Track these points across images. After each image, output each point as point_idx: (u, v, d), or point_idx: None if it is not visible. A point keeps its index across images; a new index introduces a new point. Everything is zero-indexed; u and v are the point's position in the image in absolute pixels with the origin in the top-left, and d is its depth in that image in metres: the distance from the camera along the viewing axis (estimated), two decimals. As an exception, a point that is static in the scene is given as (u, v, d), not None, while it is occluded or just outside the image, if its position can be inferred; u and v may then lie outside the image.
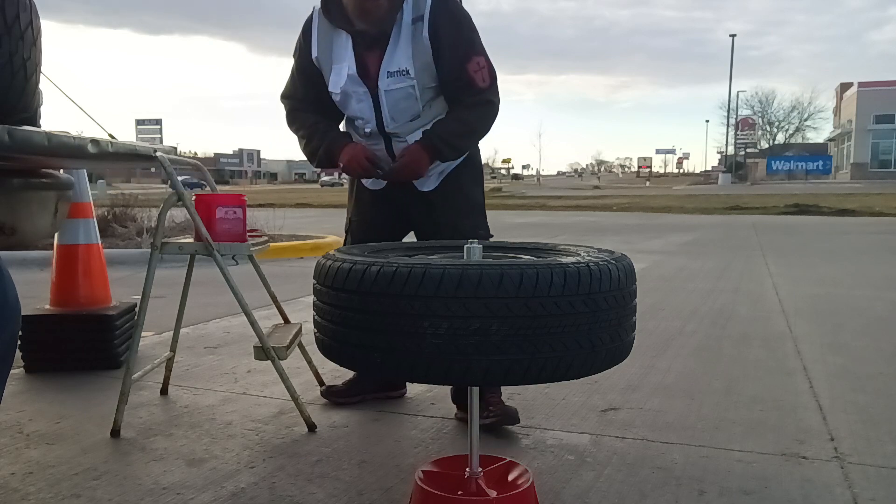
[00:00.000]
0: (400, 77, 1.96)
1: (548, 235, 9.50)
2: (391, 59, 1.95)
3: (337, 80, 2.01)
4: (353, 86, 2.00)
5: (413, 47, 1.94)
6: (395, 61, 1.95)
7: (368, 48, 1.98)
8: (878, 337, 3.29)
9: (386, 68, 1.96)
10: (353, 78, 1.99)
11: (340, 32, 2.00)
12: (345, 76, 1.99)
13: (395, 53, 1.95)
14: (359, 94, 2.00)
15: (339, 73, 2.01)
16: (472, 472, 1.45)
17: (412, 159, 1.97)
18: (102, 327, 2.76)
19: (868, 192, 22.40)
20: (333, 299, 1.28)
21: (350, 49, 1.99)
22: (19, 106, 1.56)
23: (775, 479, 1.72)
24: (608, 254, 1.36)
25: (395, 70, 1.96)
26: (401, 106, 2.00)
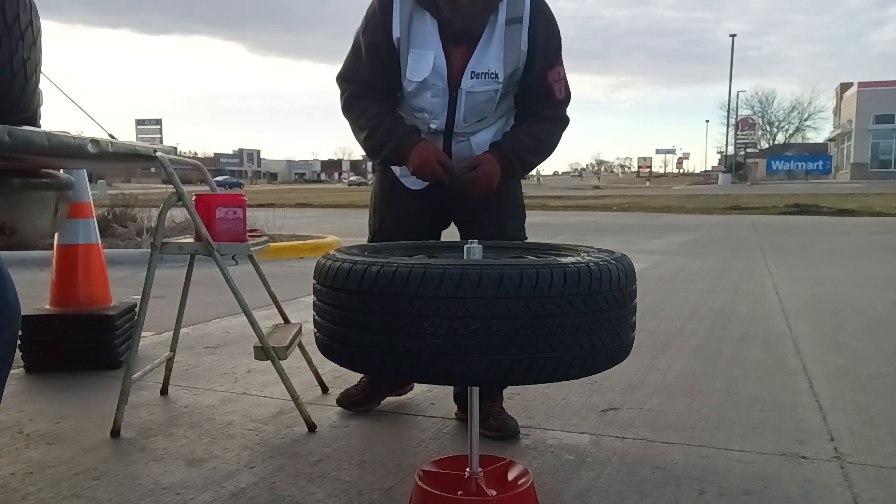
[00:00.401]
0: (487, 79, 1.83)
1: (548, 235, 9.49)
2: (480, 60, 1.82)
3: (418, 68, 1.83)
4: (435, 78, 1.83)
5: (506, 50, 1.81)
6: (484, 62, 1.82)
7: (455, 41, 1.82)
8: (878, 337, 3.29)
9: (472, 68, 1.82)
10: (438, 70, 1.82)
11: (425, 14, 1.81)
12: (429, 66, 1.82)
13: (485, 54, 1.82)
14: (437, 88, 1.85)
15: (422, 59, 1.82)
16: (472, 472, 1.45)
17: (487, 171, 1.83)
18: (102, 327, 2.76)
19: (868, 192, 22.41)
20: (333, 299, 1.28)
21: (437, 36, 1.81)
22: (19, 106, 1.56)
23: (775, 479, 1.72)
24: (608, 254, 1.36)
25: (482, 72, 1.82)
26: (478, 108, 1.89)
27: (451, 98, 1.85)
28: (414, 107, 1.91)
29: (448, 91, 1.84)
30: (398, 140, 1.84)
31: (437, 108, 1.88)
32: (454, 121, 1.88)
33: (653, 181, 63.93)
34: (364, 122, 1.87)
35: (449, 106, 1.87)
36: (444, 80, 1.83)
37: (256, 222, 6.81)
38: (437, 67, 1.82)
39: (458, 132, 1.91)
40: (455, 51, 1.82)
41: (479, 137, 1.93)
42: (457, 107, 1.86)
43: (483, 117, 1.91)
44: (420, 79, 1.83)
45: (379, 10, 1.84)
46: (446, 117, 1.88)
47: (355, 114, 1.90)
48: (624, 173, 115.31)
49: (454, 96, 1.85)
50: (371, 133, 1.87)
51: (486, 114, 1.91)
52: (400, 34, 1.81)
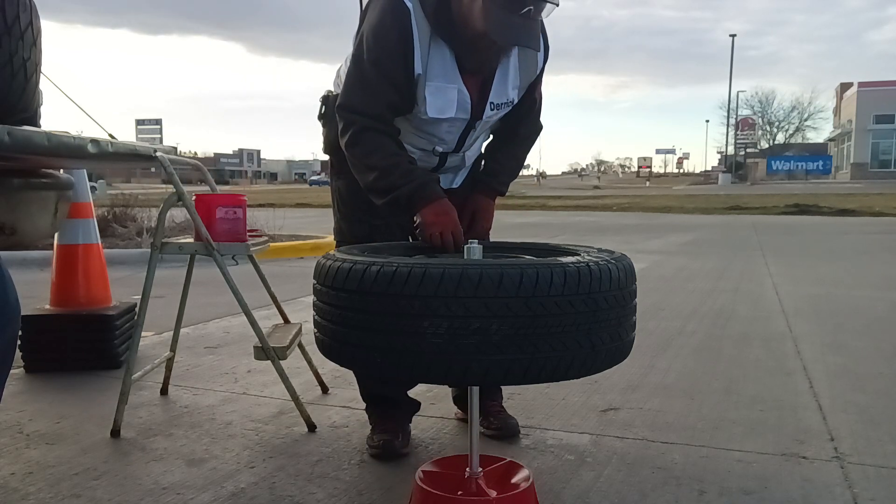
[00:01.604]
0: (504, 108, 1.78)
1: (548, 235, 9.49)
2: (500, 90, 1.74)
3: (441, 106, 1.69)
4: (460, 113, 1.72)
5: (522, 76, 1.76)
6: (503, 92, 1.75)
7: (471, 71, 1.71)
8: (878, 337, 3.29)
9: (492, 99, 1.74)
10: (462, 105, 1.71)
11: (443, 46, 1.66)
12: (453, 101, 1.69)
13: (504, 83, 1.74)
14: (456, 121, 1.74)
15: (444, 95, 1.68)
16: (472, 472, 1.45)
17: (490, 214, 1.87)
18: (102, 327, 2.76)
19: (868, 192, 22.41)
20: (333, 299, 1.28)
21: (457, 69, 1.68)
22: (19, 106, 1.56)
23: (775, 479, 1.72)
24: (608, 253, 1.36)
25: (501, 102, 1.76)
26: (486, 130, 1.87)
27: (467, 127, 1.79)
28: (424, 131, 1.78)
29: (467, 123, 1.77)
30: (417, 188, 1.67)
31: (451, 138, 1.80)
32: (462, 145, 1.84)
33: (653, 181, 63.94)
34: (377, 160, 1.69)
35: (462, 134, 1.80)
36: (468, 114, 1.74)
37: (256, 222, 6.81)
38: (462, 103, 1.71)
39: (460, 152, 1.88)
40: (472, 81, 1.72)
41: (472, 150, 1.92)
42: (470, 134, 1.81)
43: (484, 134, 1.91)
44: (444, 116, 1.71)
45: (397, 40, 1.63)
46: (456, 144, 1.82)
47: (366, 150, 1.70)
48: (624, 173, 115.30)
49: (470, 126, 1.78)
50: (384, 174, 1.68)
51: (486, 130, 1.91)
52: (422, 70, 1.65)
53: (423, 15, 1.62)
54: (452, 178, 1.96)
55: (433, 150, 1.82)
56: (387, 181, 1.68)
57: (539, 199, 20.96)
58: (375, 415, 1.97)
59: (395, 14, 1.62)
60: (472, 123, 1.77)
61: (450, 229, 1.68)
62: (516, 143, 1.91)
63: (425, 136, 1.79)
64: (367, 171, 1.71)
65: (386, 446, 1.86)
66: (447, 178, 1.93)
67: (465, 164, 1.94)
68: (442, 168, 1.89)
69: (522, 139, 1.91)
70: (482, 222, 1.86)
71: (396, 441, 1.87)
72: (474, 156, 1.96)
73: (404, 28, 1.61)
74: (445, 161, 1.87)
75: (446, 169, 1.91)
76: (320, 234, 8.51)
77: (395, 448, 1.86)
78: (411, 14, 1.61)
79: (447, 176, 1.94)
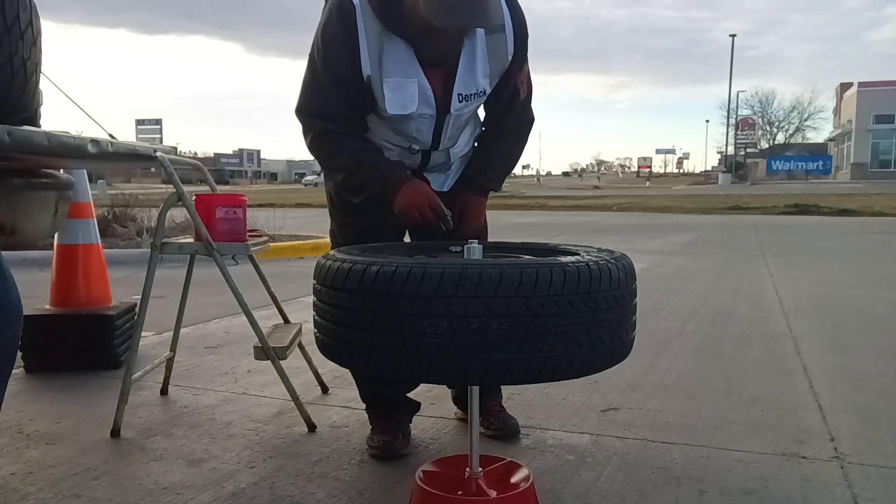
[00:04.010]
0: (474, 99, 1.70)
1: (548, 235, 9.50)
2: (467, 80, 1.66)
3: (402, 101, 1.63)
4: (423, 108, 1.66)
5: (491, 63, 1.67)
6: (471, 82, 1.66)
7: (433, 63, 1.64)
8: (878, 337, 3.29)
9: (459, 90, 1.66)
10: (425, 99, 1.65)
11: (397, 40, 1.60)
12: (414, 96, 1.64)
13: (472, 72, 1.65)
14: (423, 117, 1.69)
15: (404, 91, 1.63)
16: (472, 472, 1.45)
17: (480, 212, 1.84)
18: (102, 327, 2.76)
19: (868, 192, 22.40)
20: (333, 299, 1.28)
21: (416, 63, 1.62)
22: (19, 106, 1.56)
23: (775, 479, 1.72)
24: (608, 253, 1.36)
25: (470, 93, 1.67)
26: (461, 124, 1.79)
27: (438, 122, 1.72)
28: (393, 129, 1.75)
29: (435, 117, 1.70)
30: (384, 179, 1.67)
31: (423, 135, 1.74)
32: (439, 142, 1.77)
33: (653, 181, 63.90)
34: (343, 160, 1.68)
35: (435, 131, 1.74)
36: (433, 108, 1.67)
37: (256, 222, 6.81)
38: (424, 97, 1.65)
39: (440, 149, 1.81)
40: (435, 74, 1.65)
41: (457, 147, 1.86)
42: (443, 130, 1.73)
43: (464, 128, 1.85)
44: (406, 112, 1.65)
45: (341, 36, 1.59)
46: (431, 141, 1.76)
47: (330, 152, 1.69)
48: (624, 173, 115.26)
49: (441, 121, 1.71)
50: (352, 172, 1.68)
51: (467, 124, 1.85)
52: (371, 70, 1.60)
53: (371, 11, 1.57)
54: (443, 180, 1.90)
55: (410, 148, 1.78)
56: (356, 179, 1.68)
57: (539, 199, 20.96)
58: (375, 415, 1.96)
59: (340, 13, 1.59)
60: (442, 119, 1.70)
61: (426, 205, 1.66)
62: (504, 137, 1.85)
63: (399, 134, 1.75)
64: (335, 172, 1.72)
65: (385, 447, 1.85)
66: (437, 179, 1.90)
67: (452, 161, 1.88)
68: (427, 166, 1.84)
69: (510, 132, 1.84)
70: (470, 220, 1.83)
71: (396, 442, 1.86)
72: (462, 153, 1.90)
73: (349, 27, 1.58)
74: (429, 159, 1.82)
75: (432, 167, 1.86)
76: (320, 234, 8.51)
77: (394, 449, 1.85)
78: (356, 11, 1.58)
79: (437, 177, 1.90)
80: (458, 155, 1.89)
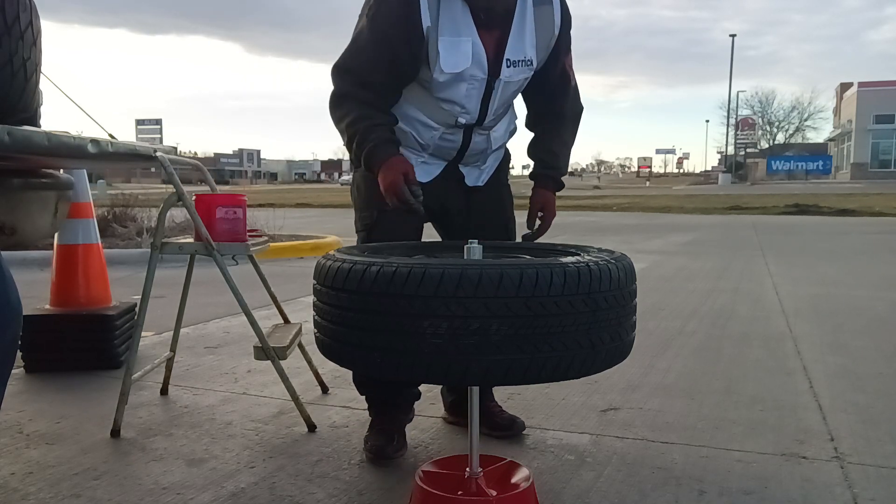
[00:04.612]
0: (522, 67, 1.69)
1: (547, 235, 9.48)
2: (516, 46, 1.66)
3: (455, 60, 1.62)
4: (475, 69, 1.64)
5: (538, 35, 1.68)
6: (520, 48, 1.67)
7: (487, 25, 1.63)
8: (878, 337, 3.29)
9: (508, 55, 1.66)
10: (478, 58, 1.63)
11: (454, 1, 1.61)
12: (468, 55, 1.62)
13: (521, 39, 1.66)
14: (475, 80, 1.66)
15: (457, 48, 1.61)
16: (472, 472, 1.45)
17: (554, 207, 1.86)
18: (102, 327, 2.76)
19: (868, 192, 22.40)
20: (333, 299, 1.28)
21: (471, 20, 1.62)
22: (19, 106, 1.56)
23: (775, 479, 1.72)
24: (608, 253, 1.36)
25: (518, 59, 1.67)
26: (507, 99, 1.77)
27: (487, 89, 1.69)
28: (442, 98, 1.70)
29: (485, 83, 1.68)
30: (372, 150, 1.65)
31: (472, 103, 1.71)
32: (485, 114, 1.74)
33: (653, 181, 63.93)
34: (347, 124, 1.69)
35: (483, 99, 1.71)
36: (485, 70, 1.66)
37: (256, 222, 6.81)
38: (477, 56, 1.63)
39: (484, 126, 1.79)
40: (487, 36, 1.64)
41: (497, 131, 1.85)
42: (491, 98, 1.71)
43: (507, 108, 1.83)
44: (460, 70, 1.63)
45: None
46: (479, 112, 1.73)
47: (341, 113, 1.70)
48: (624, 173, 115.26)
49: (490, 87, 1.69)
50: (352, 137, 1.68)
51: (510, 104, 1.83)
52: (430, 22, 1.59)
53: None
54: (478, 175, 1.89)
55: (456, 122, 1.74)
56: (355, 144, 1.68)
57: (539, 199, 20.94)
58: (374, 409, 1.95)
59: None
60: (492, 83, 1.68)
61: (401, 184, 1.60)
62: (563, 125, 1.85)
63: (446, 104, 1.71)
64: (342, 134, 1.72)
65: (378, 452, 1.83)
66: (472, 173, 1.87)
67: (489, 151, 1.87)
68: (467, 151, 1.81)
69: (568, 120, 1.86)
70: (549, 217, 1.87)
71: (391, 446, 1.84)
72: (500, 140, 1.88)
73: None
74: (470, 139, 1.79)
75: (471, 154, 1.82)
76: (320, 234, 8.52)
77: (387, 454, 1.83)
78: None
79: (472, 171, 1.87)
80: (497, 141, 1.88)
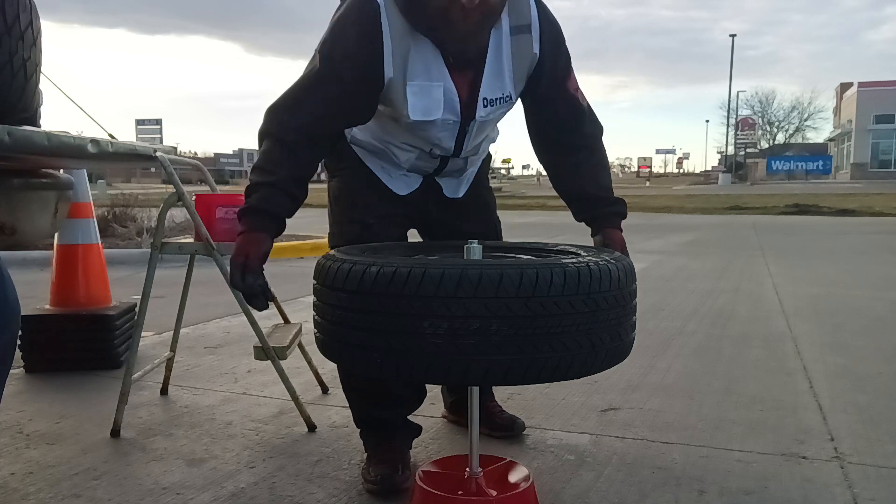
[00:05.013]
0: (500, 104, 1.59)
1: (548, 235, 9.49)
2: (493, 84, 1.55)
3: (426, 107, 1.52)
4: (447, 114, 1.55)
5: (516, 65, 1.55)
6: (496, 86, 1.56)
7: (459, 66, 1.52)
8: (878, 337, 3.29)
9: (485, 94, 1.55)
10: (450, 105, 1.54)
11: (424, 41, 1.47)
12: (439, 101, 1.52)
13: (498, 75, 1.55)
14: (447, 123, 1.57)
15: (429, 96, 1.51)
16: (472, 472, 1.45)
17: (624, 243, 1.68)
18: (102, 327, 2.76)
19: (868, 192, 22.40)
20: (333, 299, 1.28)
21: (443, 65, 1.50)
22: (19, 106, 1.56)
23: (775, 479, 1.72)
24: (608, 253, 1.36)
25: (496, 97, 1.57)
26: (486, 131, 1.70)
27: (462, 129, 1.61)
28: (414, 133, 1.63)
29: (460, 123, 1.59)
30: (241, 211, 1.50)
31: (446, 142, 1.63)
32: (461, 149, 1.67)
33: (653, 181, 63.88)
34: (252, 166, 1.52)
35: (458, 137, 1.63)
36: (458, 115, 1.56)
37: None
38: (449, 101, 1.53)
39: (461, 156, 1.72)
40: (461, 78, 1.53)
41: (477, 154, 1.79)
42: (466, 136, 1.63)
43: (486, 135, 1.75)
44: (431, 118, 1.54)
45: (361, 36, 1.45)
46: (454, 147, 1.65)
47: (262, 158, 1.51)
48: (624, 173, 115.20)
49: (465, 127, 1.60)
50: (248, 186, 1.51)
51: (491, 131, 1.76)
52: (394, 73, 1.47)
53: (396, 9, 1.45)
54: (457, 186, 1.84)
55: (430, 152, 1.68)
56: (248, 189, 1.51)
57: (539, 199, 20.93)
58: (371, 442, 1.77)
59: (362, 10, 1.46)
60: (466, 124, 1.61)
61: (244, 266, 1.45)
62: (595, 153, 1.70)
63: (419, 139, 1.65)
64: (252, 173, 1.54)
65: (384, 482, 1.64)
66: (450, 185, 1.82)
67: (468, 168, 1.82)
68: (443, 171, 1.77)
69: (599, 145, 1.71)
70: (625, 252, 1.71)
71: (396, 475, 1.65)
72: (479, 159, 1.84)
73: (373, 26, 1.45)
74: (446, 164, 1.74)
75: (447, 172, 1.79)
76: (320, 234, 8.51)
77: (394, 483, 1.63)
78: (381, 10, 1.44)
79: (450, 182, 1.82)
80: (475, 162, 1.83)
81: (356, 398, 1.80)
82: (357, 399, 1.80)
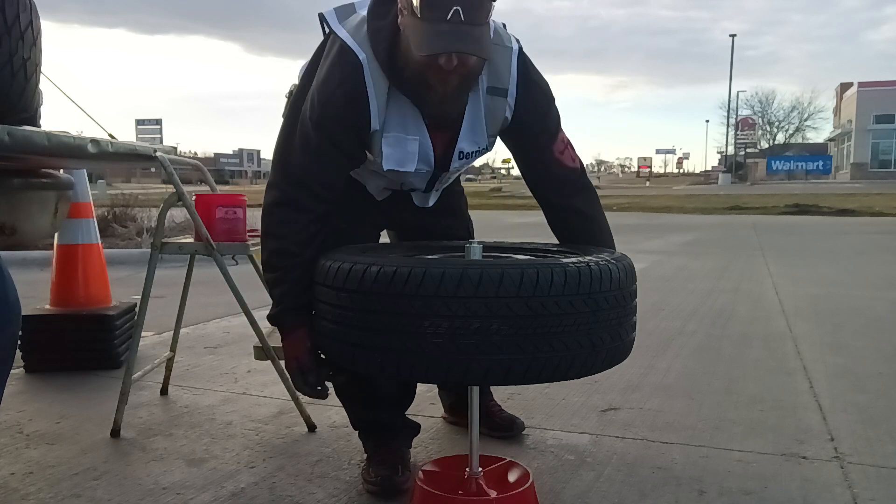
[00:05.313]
0: (476, 155, 1.62)
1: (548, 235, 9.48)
2: (469, 139, 1.57)
3: (399, 158, 1.52)
4: (421, 165, 1.57)
5: (489, 121, 1.55)
6: (473, 140, 1.57)
7: (437, 125, 1.54)
8: (878, 337, 3.29)
9: (461, 148, 1.58)
10: (425, 158, 1.56)
11: (403, 100, 1.48)
12: (414, 156, 1.53)
13: (475, 130, 1.56)
14: (420, 172, 1.60)
15: (403, 147, 1.52)
16: (472, 472, 1.45)
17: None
18: (102, 327, 2.76)
19: (868, 192, 22.39)
20: (333, 299, 1.29)
21: (422, 123, 1.51)
22: (19, 106, 1.56)
23: (775, 479, 1.72)
24: (608, 253, 1.36)
25: (472, 150, 1.59)
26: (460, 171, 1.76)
27: (434, 176, 1.65)
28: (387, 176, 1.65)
29: (432, 172, 1.62)
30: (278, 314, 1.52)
31: (418, 184, 1.69)
32: (432, 188, 1.72)
33: (653, 181, 63.87)
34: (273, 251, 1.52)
35: (430, 181, 1.67)
36: (431, 165, 1.58)
37: (256, 222, 6.79)
38: (424, 155, 1.55)
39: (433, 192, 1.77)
40: (438, 135, 1.55)
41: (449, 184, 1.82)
42: (438, 180, 1.68)
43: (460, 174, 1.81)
44: (403, 170, 1.54)
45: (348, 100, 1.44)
46: (425, 187, 1.70)
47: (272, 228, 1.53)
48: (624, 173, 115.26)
49: (437, 175, 1.64)
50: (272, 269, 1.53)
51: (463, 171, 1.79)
52: (379, 126, 1.48)
53: (378, 66, 1.43)
54: (427, 198, 1.82)
55: (401, 187, 1.72)
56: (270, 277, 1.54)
57: (539, 199, 20.95)
58: (370, 443, 1.78)
59: (345, 69, 1.44)
60: (438, 174, 1.63)
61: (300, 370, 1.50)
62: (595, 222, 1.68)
63: (392, 180, 1.69)
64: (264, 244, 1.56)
65: (384, 482, 1.64)
66: (423, 198, 1.81)
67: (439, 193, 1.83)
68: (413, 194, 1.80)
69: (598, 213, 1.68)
70: None
71: (396, 476, 1.65)
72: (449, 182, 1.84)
73: (357, 84, 1.43)
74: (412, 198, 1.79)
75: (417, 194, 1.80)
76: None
77: (395, 484, 1.64)
78: (364, 68, 1.42)
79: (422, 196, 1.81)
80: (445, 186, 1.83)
81: (348, 402, 1.82)
82: (349, 403, 1.82)
